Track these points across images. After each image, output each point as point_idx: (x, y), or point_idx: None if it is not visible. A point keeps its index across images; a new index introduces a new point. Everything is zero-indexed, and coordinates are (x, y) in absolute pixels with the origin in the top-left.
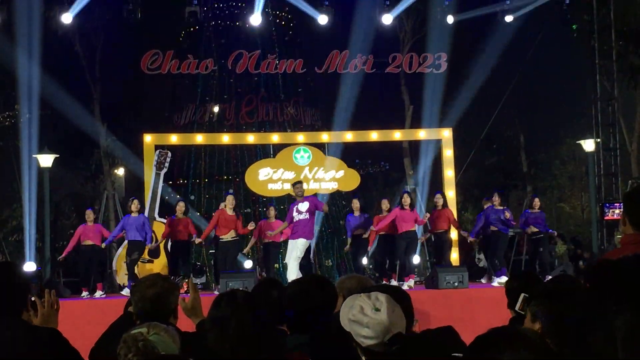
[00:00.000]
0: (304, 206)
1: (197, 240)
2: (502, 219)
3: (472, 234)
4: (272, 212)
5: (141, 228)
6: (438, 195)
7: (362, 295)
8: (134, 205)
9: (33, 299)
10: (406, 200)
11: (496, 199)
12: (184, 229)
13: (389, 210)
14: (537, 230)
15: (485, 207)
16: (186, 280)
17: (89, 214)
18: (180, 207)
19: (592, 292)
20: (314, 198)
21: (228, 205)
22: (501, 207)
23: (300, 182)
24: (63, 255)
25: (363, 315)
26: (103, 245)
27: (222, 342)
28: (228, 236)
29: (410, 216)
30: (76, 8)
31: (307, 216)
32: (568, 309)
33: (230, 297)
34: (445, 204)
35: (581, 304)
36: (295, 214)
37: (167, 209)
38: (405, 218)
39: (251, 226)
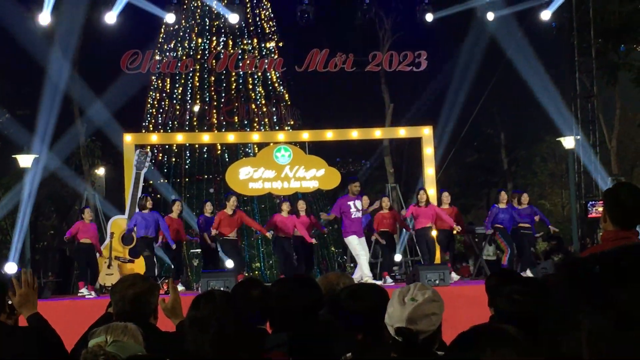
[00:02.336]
0: (360, 204)
1: (214, 232)
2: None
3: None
4: (287, 206)
5: (153, 225)
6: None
7: (418, 284)
8: (149, 202)
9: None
10: (422, 196)
11: (503, 196)
12: (178, 229)
13: (390, 208)
14: (528, 226)
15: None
16: (166, 281)
17: (88, 213)
18: (177, 206)
19: (564, 290)
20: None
21: (229, 206)
22: (505, 206)
23: (357, 179)
24: (67, 236)
25: (398, 297)
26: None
27: (201, 342)
28: (232, 235)
29: (426, 212)
30: (50, 8)
31: (362, 214)
32: (541, 308)
33: (209, 298)
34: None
35: (554, 303)
36: (353, 209)
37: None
38: (422, 215)
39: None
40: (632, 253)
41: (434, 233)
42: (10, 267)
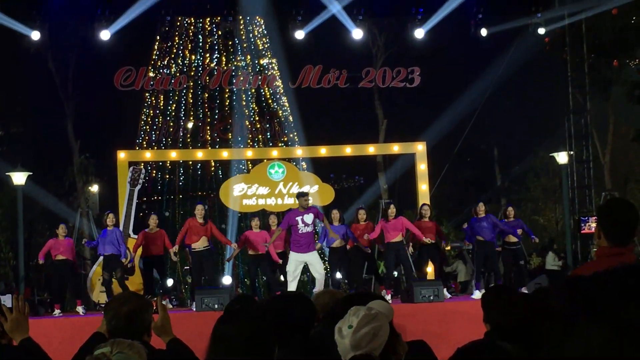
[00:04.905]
0: (309, 218)
1: (174, 249)
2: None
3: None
4: (256, 221)
5: (116, 242)
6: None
7: (352, 309)
8: (109, 219)
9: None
10: (393, 211)
11: (481, 208)
12: (158, 242)
13: (366, 220)
14: (516, 240)
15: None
16: (155, 299)
17: (62, 228)
18: (154, 220)
19: (567, 308)
20: (316, 209)
21: (197, 214)
22: (484, 215)
23: (307, 193)
24: (40, 259)
25: (337, 332)
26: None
27: (217, 355)
28: (200, 245)
29: (394, 225)
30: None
31: (311, 229)
32: (542, 324)
33: (236, 314)
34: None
35: (554, 319)
36: (301, 225)
37: (142, 226)
38: (389, 228)
39: (235, 247)
40: (632, 273)
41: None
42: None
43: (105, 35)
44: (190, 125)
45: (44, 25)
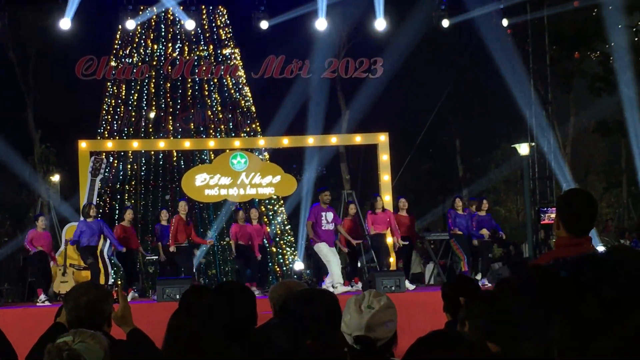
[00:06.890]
0: (330, 216)
1: (172, 249)
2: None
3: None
4: (241, 214)
5: (99, 233)
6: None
7: (373, 291)
8: (92, 210)
9: None
10: (379, 203)
11: (458, 203)
12: (130, 237)
13: (356, 214)
14: (488, 233)
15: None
16: (115, 288)
17: (42, 221)
18: (129, 214)
19: (522, 298)
20: (333, 209)
21: (182, 211)
22: (464, 213)
23: (327, 188)
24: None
25: (355, 305)
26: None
27: (174, 350)
28: (186, 242)
29: (382, 218)
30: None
31: (332, 227)
32: (503, 313)
33: (192, 308)
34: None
35: (513, 309)
36: (324, 221)
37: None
38: (378, 220)
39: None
40: (590, 263)
41: (389, 240)
42: None
43: (65, 24)
44: (152, 115)
45: (4, 15)
